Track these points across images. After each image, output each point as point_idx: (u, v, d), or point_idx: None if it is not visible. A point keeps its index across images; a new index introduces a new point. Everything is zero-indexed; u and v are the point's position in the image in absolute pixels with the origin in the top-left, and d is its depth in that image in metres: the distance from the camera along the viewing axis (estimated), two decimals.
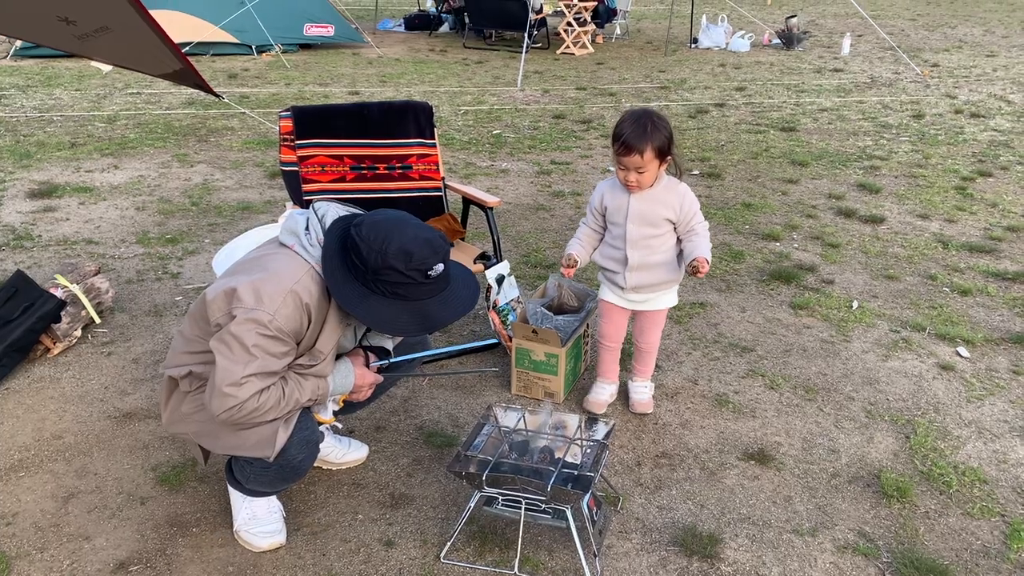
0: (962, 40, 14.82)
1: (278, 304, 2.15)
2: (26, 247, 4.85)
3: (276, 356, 2.19)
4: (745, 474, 2.91)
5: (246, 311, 2.13)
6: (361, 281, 2.23)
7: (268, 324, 2.13)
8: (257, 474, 2.41)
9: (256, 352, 2.14)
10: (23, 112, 8.31)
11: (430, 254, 2.21)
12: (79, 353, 3.67)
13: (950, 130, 8.03)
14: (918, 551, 2.55)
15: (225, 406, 2.15)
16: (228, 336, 2.14)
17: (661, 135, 2.78)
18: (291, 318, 2.18)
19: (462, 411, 3.28)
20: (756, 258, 4.83)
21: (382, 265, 2.18)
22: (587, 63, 12.24)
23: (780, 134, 7.88)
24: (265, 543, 2.53)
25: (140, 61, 4.06)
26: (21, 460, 2.94)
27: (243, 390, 2.14)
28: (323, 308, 2.28)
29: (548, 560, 2.49)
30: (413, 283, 2.22)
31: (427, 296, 2.28)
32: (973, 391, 3.45)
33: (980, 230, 5.33)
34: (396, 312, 2.26)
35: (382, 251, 2.17)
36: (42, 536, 2.58)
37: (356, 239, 2.21)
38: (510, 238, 5.03)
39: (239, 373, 2.13)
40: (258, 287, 2.16)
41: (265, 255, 2.30)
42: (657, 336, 3.20)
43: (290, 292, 2.18)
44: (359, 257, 2.21)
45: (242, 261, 2.35)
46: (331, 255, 2.24)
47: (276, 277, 2.19)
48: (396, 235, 2.20)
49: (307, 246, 2.28)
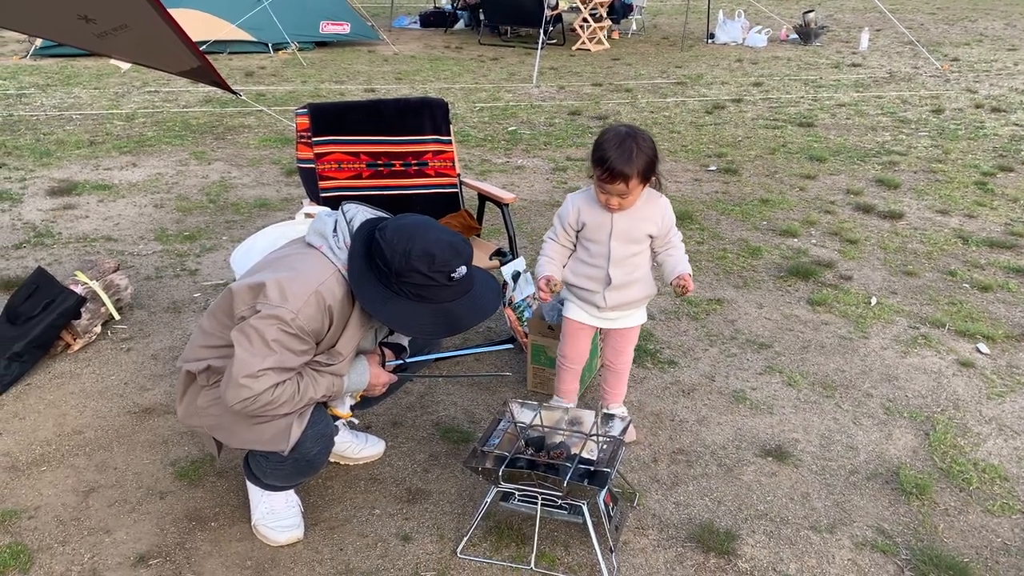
0: (983, 34, 14.67)
1: (301, 304, 2.18)
2: (46, 244, 4.89)
3: (294, 353, 2.21)
4: (762, 471, 2.90)
5: (270, 307, 2.16)
6: (385, 284, 2.26)
7: (290, 322, 2.16)
8: (273, 468, 2.43)
9: (275, 347, 2.17)
10: (43, 111, 8.38)
11: (453, 256, 2.24)
12: (99, 349, 3.70)
13: (970, 125, 7.95)
14: (937, 548, 2.53)
15: (240, 396, 2.18)
16: (249, 328, 2.17)
17: (645, 156, 2.58)
18: (313, 318, 2.21)
19: (478, 407, 3.28)
20: (773, 254, 4.81)
21: (406, 267, 2.21)
22: (603, 59, 12.20)
23: (798, 129, 7.83)
24: (283, 537, 2.54)
25: (159, 59, 4.09)
26: (43, 454, 2.97)
27: (259, 382, 2.17)
28: (346, 311, 2.31)
29: (564, 555, 2.50)
30: (436, 285, 2.25)
31: (450, 299, 2.31)
32: (993, 388, 3.42)
33: (1001, 225, 5.28)
34: (419, 314, 2.29)
35: (406, 253, 2.21)
36: (63, 529, 2.61)
37: (380, 242, 2.24)
38: (526, 234, 5.03)
39: (256, 366, 2.16)
40: (284, 285, 2.19)
41: (293, 254, 2.33)
42: (631, 355, 3.03)
43: (315, 293, 2.21)
44: (383, 260, 2.24)
45: (269, 259, 2.38)
46: (356, 257, 2.28)
47: (302, 277, 2.22)
48: (420, 238, 2.23)
49: (334, 248, 2.30)
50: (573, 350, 3.00)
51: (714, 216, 5.45)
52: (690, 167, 6.62)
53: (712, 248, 4.89)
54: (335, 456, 2.89)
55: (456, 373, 3.51)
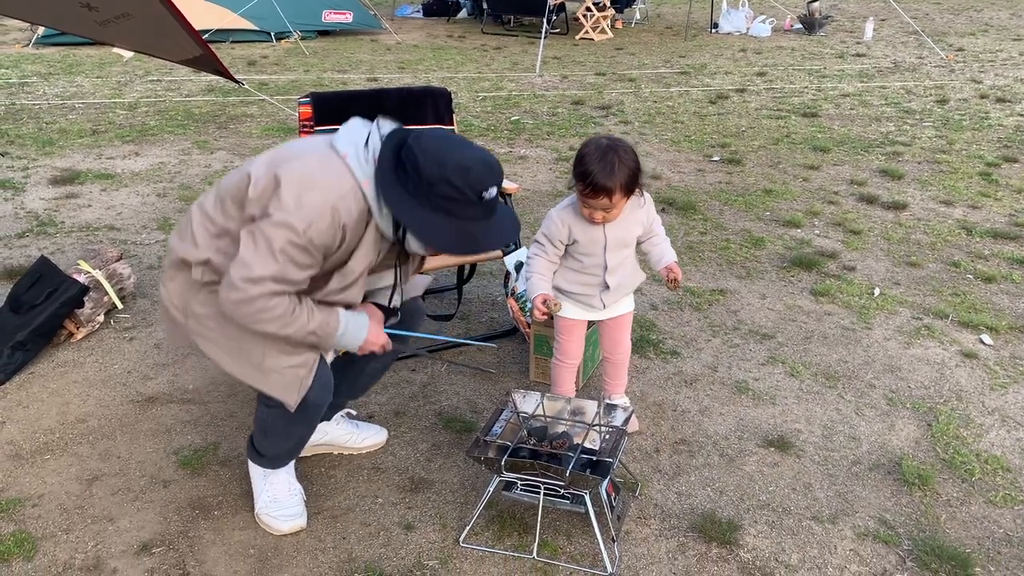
0: (988, 24, 14.60)
1: (315, 216, 2.10)
2: (49, 233, 4.89)
3: (298, 266, 2.14)
4: (764, 461, 2.90)
5: (283, 213, 2.09)
6: (411, 192, 2.16)
7: (301, 233, 2.09)
8: (275, 421, 2.42)
9: (280, 257, 2.10)
10: (45, 99, 8.38)
11: (487, 174, 2.16)
12: (102, 338, 3.71)
13: (975, 115, 7.92)
14: (939, 539, 2.53)
15: (234, 297, 2.12)
16: (259, 232, 2.11)
17: (627, 169, 2.54)
18: (325, 233, 2.13)
19: (481, 397, 3.28)
20: (777, 245, 4.80)
21: (438, 177, 2.12)
22: (606, 48, 12.16)
23: (801, 120, 7.81)
24: (286, 526, 2.55)
25: (161, 47, 4.07)
26: (46, 443, 2.98)
27: (256, 287, 2.10)
28: (359, 231, 2.22)
29: (567, 545, 2.50)
30: (465, 201, 2.15)
31: (474, 218, 2.20)
32: (997, 379, 3.42)
33: (1005, 216, 5.26)
34: (443, 227, 2.18)
35: (441, 163, 2.12)
36: (67, 517, 2.62)
37: (415, 149, 2.14)
38: (529, 224, 5.02)
39: (257, 271, 2.10)
40: (300, 193, 2.10)
41: (317, 156, 2.20)
42: (628, 343, 3.02)
43: (331, 207, 2.12)
44: (415, 167, 2.14)
45: (293, 151, 2.24)
46: (385, 160, 2.18)
47: (320, 187, 2.13)
48: (457, 150, 2.15)
49: (361, 160, 2.19)
50: (569, 346, 2.97)
51: (717, 206, 5.44)
52: (693, 157, 6.61)
53: (715, 239, 4.88)
54: (337, 447, 2.90)
55: (443, 347, 3.52)
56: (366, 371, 2.76)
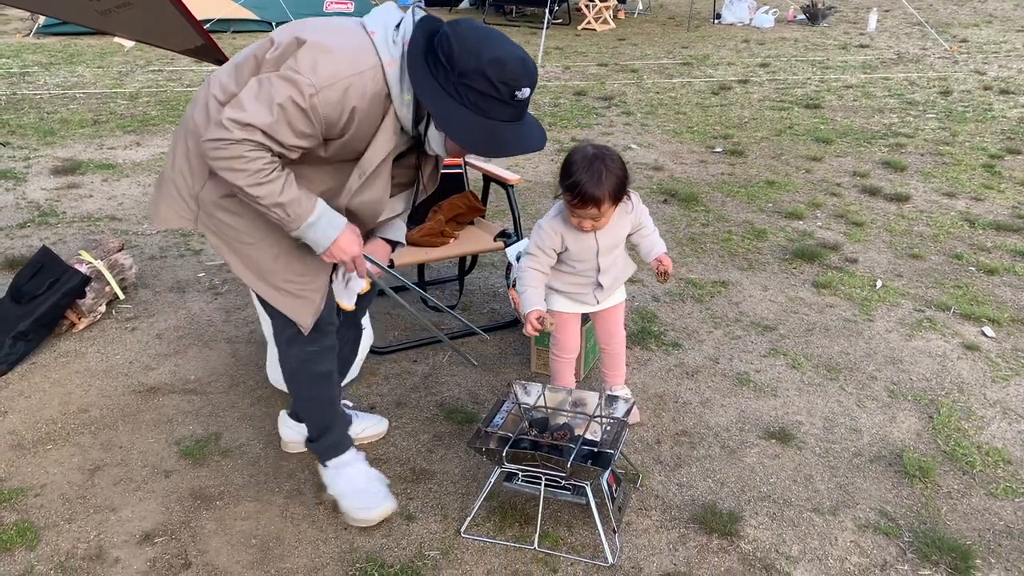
0: (992, 15, 14.54)
1: (326, 84, 2.00)
2: (51, 223, 4.89)
3: (293, 130, 2.02)
4: (765, 453, 2.90)
5: (294, 72, 1.99)
6: (441, 83, 2.04)
7: (307, 96, 1.99)
8: (300, 363, 2.43)
9: (276, 112, 1.99)
10: (46, 89, 8.36)
11: (523, 73, 2.04)
12: (103, 328, 3.71)
13: (978, 107, 7.89)
14: (940, 531, 2.54)
15: (215, 135, 2.00)
16: (266, 82, 2.01)
17: (615, 178, 2.52)
18: (332, 105, 2.02)
19: (482, 388, 3.29)
20: (779, 236, 4.79)
21: (472, 68, 2.00)
22: (609, 39, 12.13)
23: (804, 111, 7.78)
24: (376, 512, 2.53)
25: (162, 37, 4.06)
26: (48, 433, 2.98)
27: (241, 131, 1.99)
28: (374, 116, 2.11)
29: (568, 536, 2.51)
30: (496, 98, 2.04)
31: (504, 118, 2.08)
32: (998, 371, 3.42)
33: (1008, 208, 5.25)
34: (468, 121, 2.06)
35: (477, 54, 2.00)
36: (69, 507, 2.62)
37: (450, 36, 2.02)
38: (531, 216, 5.02)
39: (247, 117, 1.98)
40: (318, 58, 2.00)
41: (344, 29, 2.10)
42: (623, 333, 3.02)
43: (345, 80, 2.02)
44: (448, 56, 2.02)
45: (321, 22, 2.15)
46: (416, 45, 2.06)
47: (339, 59, 2.02)
48: (493, 43, 2.04)
49: (389, 40, 2.08)
50: (566, 340, 2.96)
51: (719, 198, 5.43)
52: (696, 148, 6.59)
53: (717, 230, 4.88)
54: None
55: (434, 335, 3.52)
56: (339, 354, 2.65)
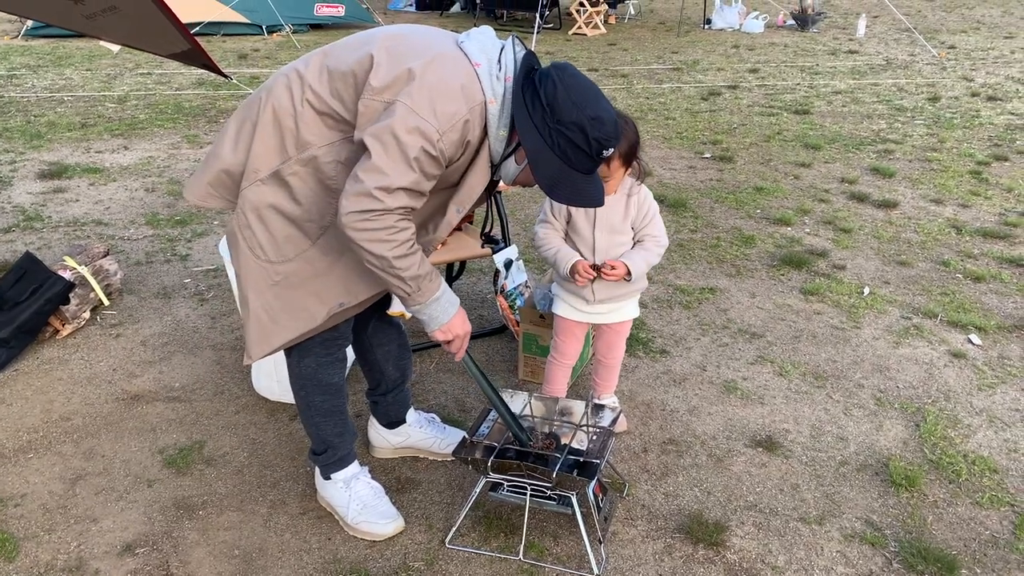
0: (980, 21, 14.63)
1: (448, 126, 1.98)
2: (36, 228, 4.86)
3: (428, 178, 2.02)
4: (752, 461, 2.90)
5: (417, 118, 1.95)
6: (535, 122, 2.05)
7: (435, 143, 1.97)
8: (318, 367, 2.43)
9: (415, 166, 1.97)
10: (34, 92, 8.31)
11: (614, 134, 2.09)
12: (87, 335, 3.68)
13: (966, 113, 7.93)
14: (926, 540, 2.53)
15: (363, 207, 1.96)
16: (389, 137, 1.95)
17: (628, 140, 2.50)
18: (454, 145, 2.03)
19: (469, 396, 3.27)
20: (767, 243, 4.79)
21: (573, 120, 2.02)
22: (599, 44, 12.14)
23: (793, 117, 7.80)
24: (389, 528, 2.52)
25: (148, 41, 4.04)
26: (30, 441, 2.95)
27: (392, 199, 1.97)
28: (475, 151, 2.13)
29: (553, 546, 2.49)
30: (585, 152, 2.06)
31: (581, 170, 2.12)
32: (984, 379, 3.42)
33: (995, 215, 5.27)
34: (555, 167, 2.09)
35: (581, 106, 2.03)
36: (50, 518, 2.59)
37: (556, 80, 2.03)
38: (519, 222, 5.01)
39: (395, 181, 1.95)
40: (435, 99, 1.97)
41: (451, 60, 2.06)
42: (623, 349, 3.00)
43: (462, 118, 2.01)
44: (551, 101, 2.03)
45: (420, 42, 2.10)
46: (518, 84, 2.07)
47: (455, 96, 2.00)
48: (597, 99, 2.07)
49: (493, 76, 2.07)
50: (566, 346, 2.95)
51: (708, 204, 5.43)
52: (685, 154, 6.60)
53: (705, 236, 4.88)
54: (423, 451, 2.88)
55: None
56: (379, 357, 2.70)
